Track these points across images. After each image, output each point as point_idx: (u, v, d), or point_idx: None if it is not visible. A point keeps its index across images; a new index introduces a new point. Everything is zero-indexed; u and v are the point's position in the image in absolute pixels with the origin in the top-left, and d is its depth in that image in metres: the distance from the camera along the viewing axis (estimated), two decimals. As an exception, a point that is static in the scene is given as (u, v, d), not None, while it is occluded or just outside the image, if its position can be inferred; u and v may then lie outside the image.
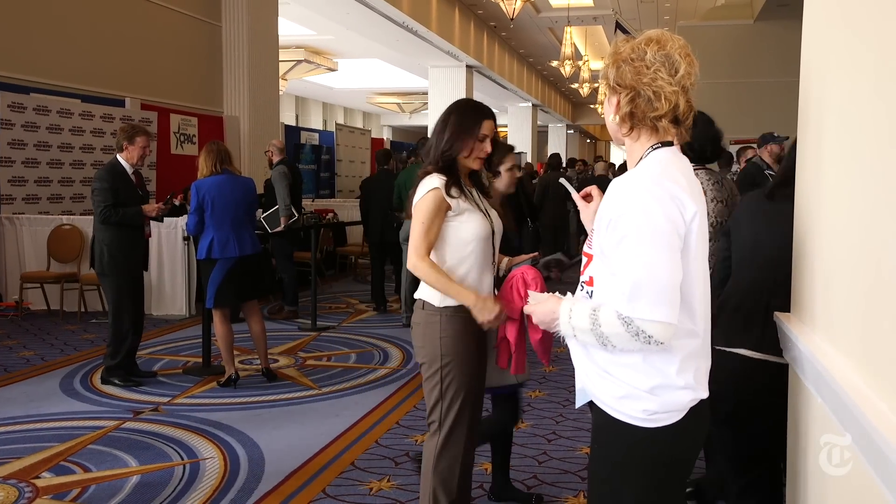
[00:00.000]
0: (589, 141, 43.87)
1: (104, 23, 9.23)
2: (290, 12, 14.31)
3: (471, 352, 2.60)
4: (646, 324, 1.59)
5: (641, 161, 1.72)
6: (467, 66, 19.30)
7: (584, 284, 1.83)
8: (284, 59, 17.45)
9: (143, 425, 4.35)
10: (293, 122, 22.92)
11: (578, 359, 1.81)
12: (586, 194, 2.07)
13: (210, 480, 3.57)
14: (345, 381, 5.33)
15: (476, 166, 2.65)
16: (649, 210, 1.61)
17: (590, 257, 1.80)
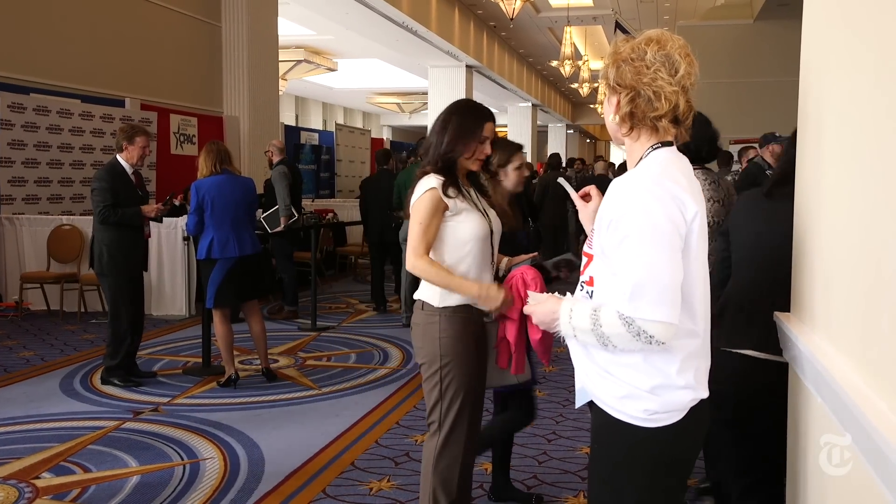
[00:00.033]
0: (589, 141, 43.87)
1: (104, 23, 9.23)
2: (290, 12, 14.31)
3: (470, 352, 2.60)
4: (647, 324, 1.59)
5: (641, 161, 1.72)
6: (467, 66, 19.29)
7: (585, 284, 1.83)
8: (284, 59, 17.45)
9: (143, 425, 4.35)
10: (293, 122, 22.93)
11: (578, 359, 1.81)
12: (584, 194, 2.07)
13: (210, 481, 3.57)
14: (345, 381, 5.33)
15: (475, 167, 2.66)
16: (650, 210, 1.61)
17: (590, 257, 1.80)
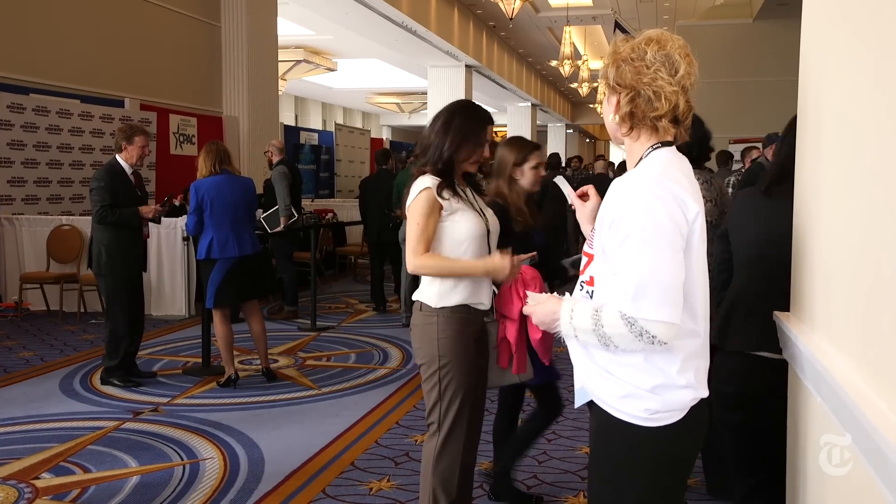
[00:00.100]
0: (588, 140, 43.89)
1: (103, 23, 9.23)
2: (290, 12, 14.31)
3: (469, 352, 2.60)
4: (650, 324, 1.59)
5: (642, 161, 1.72)
6: (466, 66, 19.29)
7: (585, 284, 1.83)
8: (283, 59, 17.44)
9: (143, 426, 4.35)
10: (292, 123, 22.92)
11: (578, 359, 1.80)
12: (582, 194, 2.07)
13: (210, 481, 3.57)
14: (344, 381, 5.33)
15: (473, 169, 2.68)
16: (652, 210, 1.61)
17: (590, 257, 1.80)
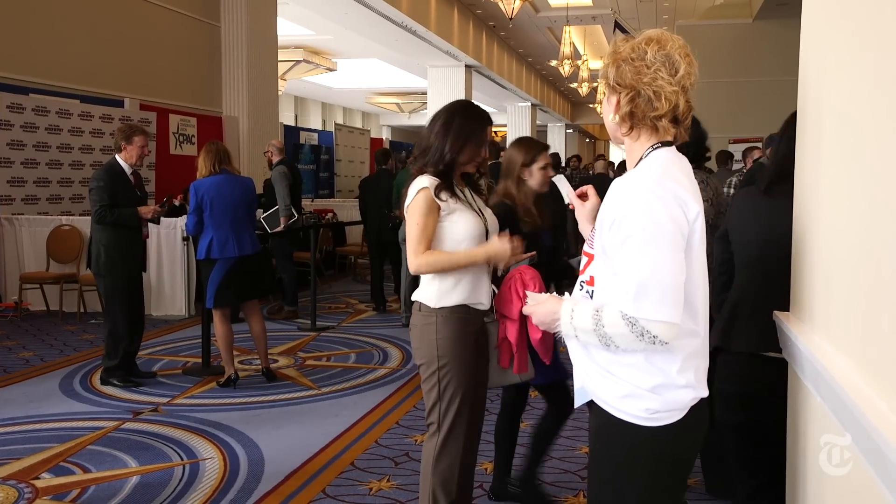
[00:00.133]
0: (588, 140, 43.89)
1: (103, 23, 9.23)
2: (289, 12, 14.31)
3: (468, 352, 2.60)
4: (651, 324, 1.59)
5: (642, 161, 1.72)
6: (466, 66, 19.29)
7: (585, 284, 1.83)
8: (283, 59, 17.44)
9: (143, 426, 4.35)
10: (292, 122, 22.92)
11: (578, 358, 1.80)
12: (581, 193, 2.07)
13: (210, 481, 3.57)
14: (344, 381, 5.33)
15: (472, 170, 2.68)
16: (653, 210, 1.61)
17: (590, 257, 1.80)
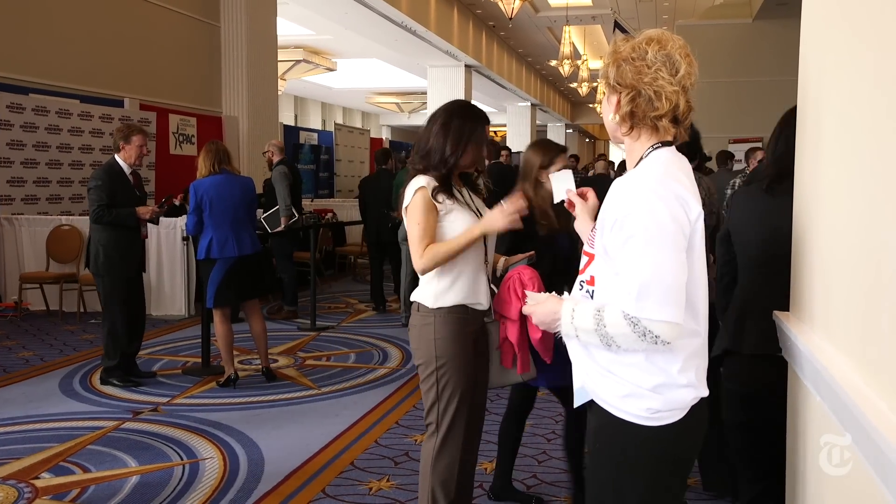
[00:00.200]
0: (588, 140, 43.90)
1: (103, 23, 9.22)
2: (289, 12, 14.31)
3: (467, 352, 2.60)
4: (653, 324, 1.59)
5: (642, 161, 1.72)
6: (466, 66, 19.28)
7: (585, 284, 1.82)
8: (283, 59, 17.44)
9: (143, 425, 4.35)
10: (292, 122, 22.91)
11: (578, 358, 1.80)
12: (583, 194, 2.07)
13: (209, 481, 3.57)
14: (344, 380, 5.33)
15: (471, 169, 2.67)
16: (655, 210, 1.61)
17: (591, 257, 1.80)
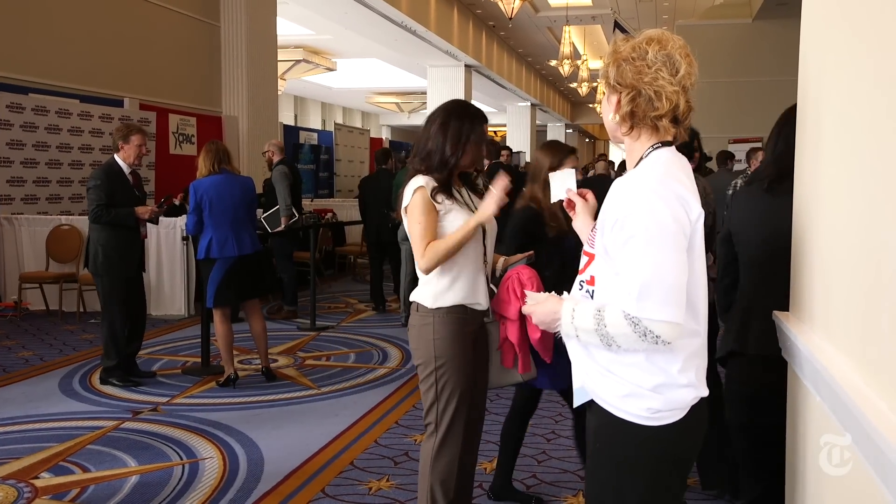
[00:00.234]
0: (588, 140, 43.89)
1: (103, 23, 9.22)
2: (289, 12, 14.31)
3: (466, 352, 2.60)
4: (654, 324, 1.59)
5: (642, 161, 1.72)
6: (466, 66, 19.28)
7: (585, 284, 1.82)
8: (283, 58, 17.43)
9: (142, 425, 4.35)
10: (292, 122, 22.90)
11: (578, 358, 1.80)
12: (582, 194, 2.07)
13: (209, 480, 3.57)
14: (344, 380, 5.33)
15: (471, 169, 2.67)
16: (656, 210, 1.61)
17: (591, 257, 1.80)
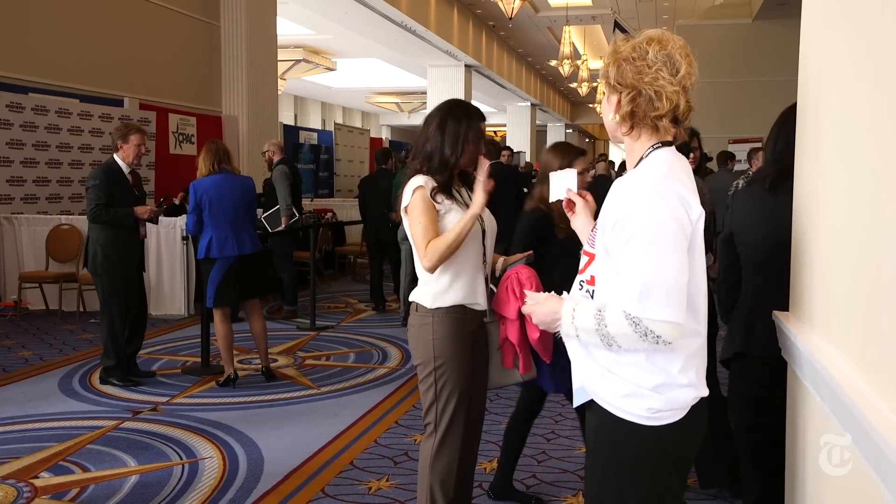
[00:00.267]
0: (588, 140, 43.91)
1: (103, 23, 9.22)
2: (289, 12, 14.30)
3: (465, 352, 2.59)
4: (655, 324, 1.59)
5: (642, 161, 1.72)
6: (466, 66, 19.29)
7: (585, 284, 1.82)
8: (283, 58, 17.43)
9: (142, 425, 4.35)
10: (292, 122, 22.91)
11: (578, 358, 1.80)
12: (582, 194, 2.07)
13: (209, 480, 3.57)
14: (344, 380, 5.33)
15: (470, 168, 2.66)
16: (657, 210, 1.61)
17: (591, 257, 1.80)
